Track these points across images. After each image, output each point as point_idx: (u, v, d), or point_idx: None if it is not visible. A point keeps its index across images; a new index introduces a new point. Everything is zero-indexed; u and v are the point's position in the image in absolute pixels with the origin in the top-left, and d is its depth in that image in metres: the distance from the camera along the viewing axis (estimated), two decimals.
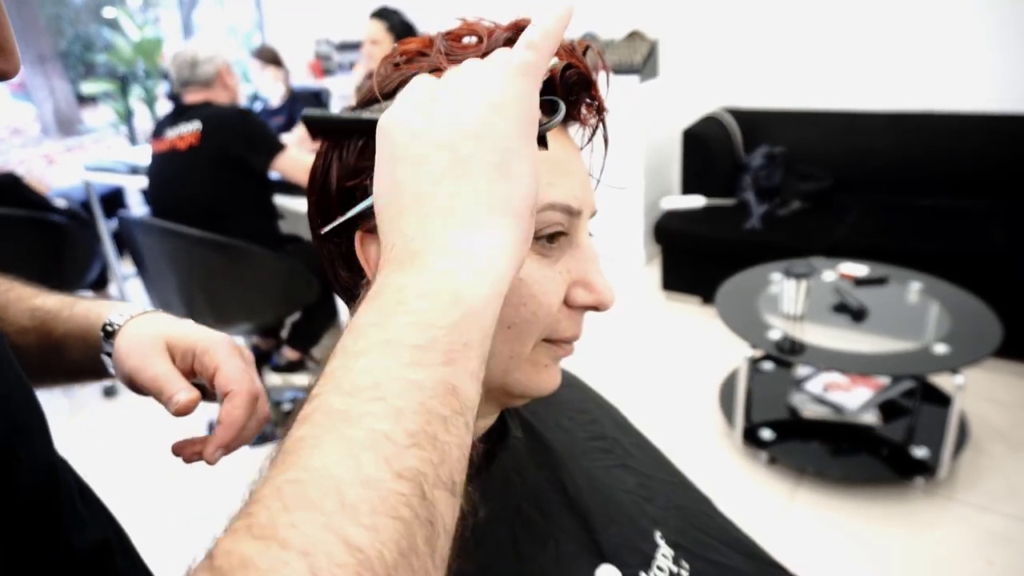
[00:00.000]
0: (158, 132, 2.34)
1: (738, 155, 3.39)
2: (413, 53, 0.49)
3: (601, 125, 0.50)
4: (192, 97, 2.32)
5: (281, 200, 2.52)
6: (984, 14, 2.91)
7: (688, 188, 3.34)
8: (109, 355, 0.57)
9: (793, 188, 3.13)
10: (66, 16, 5.61)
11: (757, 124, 3.41)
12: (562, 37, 0.38)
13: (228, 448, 0.54)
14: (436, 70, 0.46)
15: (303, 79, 4.46)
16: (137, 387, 0.56)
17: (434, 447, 0.29)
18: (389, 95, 0.47)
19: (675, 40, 3.63)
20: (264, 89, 3.58)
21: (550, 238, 0.47)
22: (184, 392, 0.53)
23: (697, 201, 3.26)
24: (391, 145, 0.36)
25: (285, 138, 2.65)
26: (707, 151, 3.26)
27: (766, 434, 2.19)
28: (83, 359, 0.59)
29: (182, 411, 0.52)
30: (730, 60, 3.55)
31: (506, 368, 0.48)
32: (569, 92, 0.46)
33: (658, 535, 0.62)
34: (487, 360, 0.46)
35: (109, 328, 0.57)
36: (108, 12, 5.50)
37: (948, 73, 3.05)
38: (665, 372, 2.74)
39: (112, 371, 0.58)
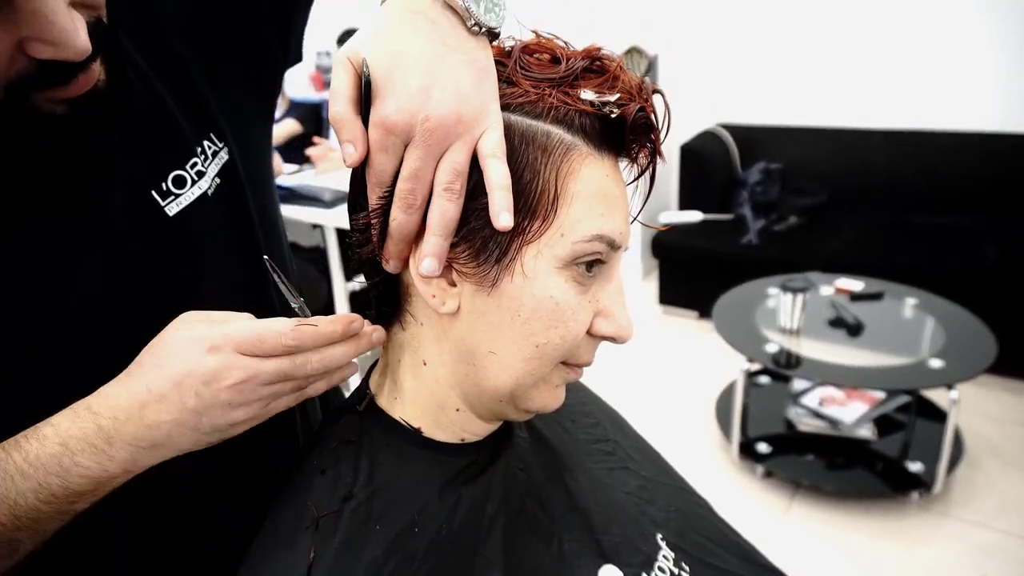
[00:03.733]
0: None
1: (735, 170, 3.42)
2: None
3: (651, 168, 0.52)
4: None
5: None
6: (980, 34, 2.95)
7: (685, 203, 3.36)
8: None
9: (789, 203, 3.16)
10: None
11: (754, 140, 3.44)
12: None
13: None
14: (508, 82, 0.48)
15: (304, 91, 4.48)
16: None
17: None
18: None
19: (674, 56, 3.67)
20: None
21: (588, 266, 0.48)
22: None
23: (694, 216, 3.27)
24: None
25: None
26: (704, 166, 3.29)
27: (762, 448, 2.19)
28: None
29: None
30: (728, 76, 3.58)
31: (523, 383, 0.50)
32: (633, 133, 0.48)
33: (659, 537, 0.63)
34: (504, 370, 0.50)
35: None
36: None
37: (943, 92, 3.08)
38: (662, 386, 2.75)
39: None
